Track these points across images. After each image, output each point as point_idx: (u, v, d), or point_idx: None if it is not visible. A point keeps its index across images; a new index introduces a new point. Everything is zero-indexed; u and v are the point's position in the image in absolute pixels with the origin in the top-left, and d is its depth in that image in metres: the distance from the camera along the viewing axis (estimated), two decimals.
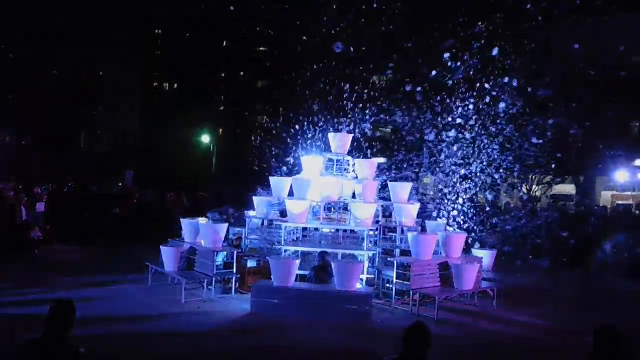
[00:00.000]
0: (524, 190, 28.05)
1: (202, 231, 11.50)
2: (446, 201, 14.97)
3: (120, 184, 29.97)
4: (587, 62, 22.91)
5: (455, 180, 15.51)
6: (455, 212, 14.71)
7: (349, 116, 16.86)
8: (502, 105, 16.34)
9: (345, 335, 8.58)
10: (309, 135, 16.25)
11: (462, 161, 15.90)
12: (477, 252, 11.86)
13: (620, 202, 29.89)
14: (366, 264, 11.27)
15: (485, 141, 16.41)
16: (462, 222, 14.43)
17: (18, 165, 34.61)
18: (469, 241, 12.56)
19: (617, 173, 27.56)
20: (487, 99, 16.24)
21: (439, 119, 16.19)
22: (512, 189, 27.54)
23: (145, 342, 7.90)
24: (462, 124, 15.88)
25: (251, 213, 12.91)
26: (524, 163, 19.69)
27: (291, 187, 12.53)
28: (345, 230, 12.45)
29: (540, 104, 20.93)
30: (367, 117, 17.28)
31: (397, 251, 11.78)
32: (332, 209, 12.63)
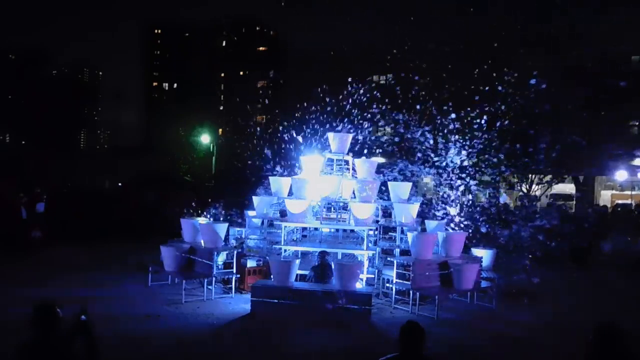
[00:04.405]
0: (524, 189, 28.06)
1: (202, 231, 11.51)
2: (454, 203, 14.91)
3: (120, 184, 29.99)
4: (588, 61, 22.96)
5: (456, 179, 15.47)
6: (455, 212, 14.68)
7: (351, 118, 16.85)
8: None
9: (345, 335, 8.59)
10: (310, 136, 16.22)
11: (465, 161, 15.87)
12: (477, 251, 11.86)
13: (619, 201, 29.94)
14: (366, 263, 11.27)
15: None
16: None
17: (18, 165, 34.62)
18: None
19: (617, 172, 27.58)
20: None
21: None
22: (511, 188, 27.55)
23: (145, 342, 7.90)
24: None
25: (251, 213, 12.91)
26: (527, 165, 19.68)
27: (291, 187, 12.53)
28: (344, 230, 12.46)
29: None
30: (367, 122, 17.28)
31: (397, 251, 11.78)
32: (332, 208, 12.63)
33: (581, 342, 4.48)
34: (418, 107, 15.88)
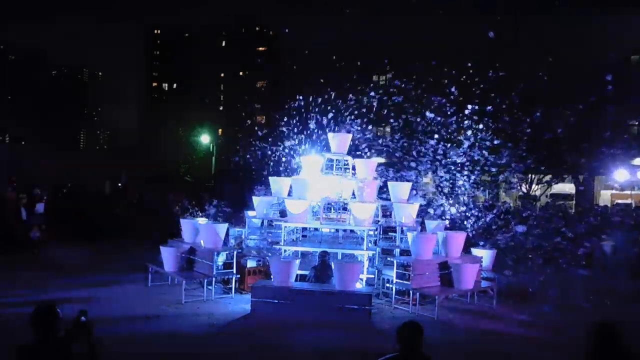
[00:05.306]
0: (524, 189, 28.06)
1: (202, 231, 11.51)
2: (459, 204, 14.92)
3: (119, 184, 30.03)
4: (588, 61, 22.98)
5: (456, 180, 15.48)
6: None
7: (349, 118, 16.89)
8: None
9: (345, 335, 8.59)
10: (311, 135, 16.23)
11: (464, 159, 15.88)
12: (477, 251, 11.86)
13: (619, 201, 29.91)
14: (366, 263, 11.27)
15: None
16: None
17: (18, 165, 34.61)
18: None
19: (616, 172, 27.56)
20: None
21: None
22: (511, 188, 27.55)
23: (145, 342, 7.91)
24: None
25: (251, 213, 12.91)
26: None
27: (291, 187, 12.53)
28: (344, 230, 12.46)
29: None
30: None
31: (397, 251, 11.78)
32: (332, 208, 12.63)
33: (581, 342, 4.48)
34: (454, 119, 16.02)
